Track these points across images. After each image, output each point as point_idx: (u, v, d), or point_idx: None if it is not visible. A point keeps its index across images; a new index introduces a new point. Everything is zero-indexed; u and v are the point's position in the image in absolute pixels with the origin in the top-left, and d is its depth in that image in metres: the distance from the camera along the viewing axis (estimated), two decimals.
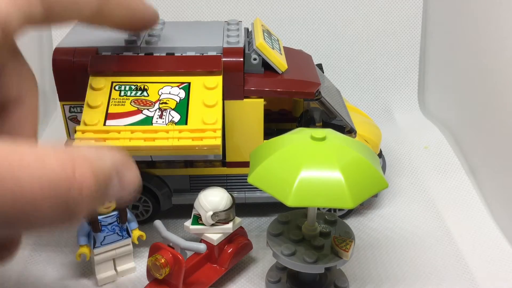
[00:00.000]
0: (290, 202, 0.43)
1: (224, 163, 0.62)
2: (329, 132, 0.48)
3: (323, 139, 0.46)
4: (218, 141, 0.51)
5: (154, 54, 0.57)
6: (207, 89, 0.54)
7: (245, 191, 0.64)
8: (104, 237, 0.54)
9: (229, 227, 0.55)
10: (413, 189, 0.73)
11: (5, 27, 0.31)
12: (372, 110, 0.93)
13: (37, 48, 0.89)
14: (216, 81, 0.55)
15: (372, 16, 0.94)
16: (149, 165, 0.62)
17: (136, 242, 0.57)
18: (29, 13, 0.33)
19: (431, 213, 0.68)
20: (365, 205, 0.69)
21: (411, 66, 0.96)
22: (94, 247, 0.54)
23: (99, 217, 0.53)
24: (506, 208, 0.66)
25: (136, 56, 0.57)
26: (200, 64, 0.56)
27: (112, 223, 0.54)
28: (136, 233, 0.56)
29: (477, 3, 0.77)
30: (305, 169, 0.44)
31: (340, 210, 0.66)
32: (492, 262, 0.60)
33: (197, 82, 0.55)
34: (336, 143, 0.47)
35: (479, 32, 0.76)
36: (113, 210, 0.54)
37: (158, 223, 0.54)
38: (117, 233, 0.55)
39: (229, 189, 0.63)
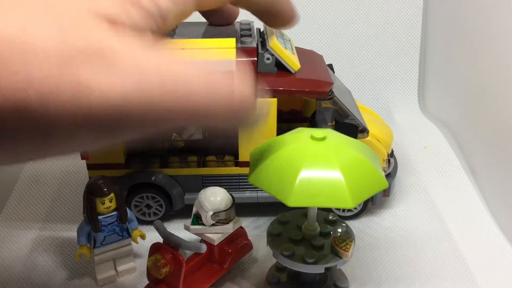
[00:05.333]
0: (290, 202, 0.43)
1: (236, 162, 0.62)
2: (329, 132, 0.48)
3: (323, 139, 0.46)
4: None
5: None
6: None
7: (257, 191, 0.64)
8: (104, 237, 0.54)
9: (229, 227, 0.55)
10: (413, 189, 0.73)
11: (163, 21, 0.31)
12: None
13: None
14: None
15: (372, 16, 0.94)
16: (162, 165, 0.62)
17: (136, 242, 0.57)
18: (183, 10, 0.34)
19: (431, 213, 0.68)
20: (378, 205, 0.68)
21: (411, 66, 0.96)
22: (94, 247, 0.54)
23: (99, 217, 0.53)
24: (506, 208, 0.66)
25: None
26: None
27: (112, 223, 0.54)
28: (137, 233, 0.56)
29: (477, 3, 0.77)
30: (305, 169, 0.44)
31: (348, 210, 0.66)
32: (492, 262, 0.60)
33: None
34: (336, 143, 0.47)
35: (479, 32, 0.76)
36: (113, 210, 0.54)
37: (158, 223, 0.54)
38: (117, 233, 0.55)
39: (241, 188, 0.63)
